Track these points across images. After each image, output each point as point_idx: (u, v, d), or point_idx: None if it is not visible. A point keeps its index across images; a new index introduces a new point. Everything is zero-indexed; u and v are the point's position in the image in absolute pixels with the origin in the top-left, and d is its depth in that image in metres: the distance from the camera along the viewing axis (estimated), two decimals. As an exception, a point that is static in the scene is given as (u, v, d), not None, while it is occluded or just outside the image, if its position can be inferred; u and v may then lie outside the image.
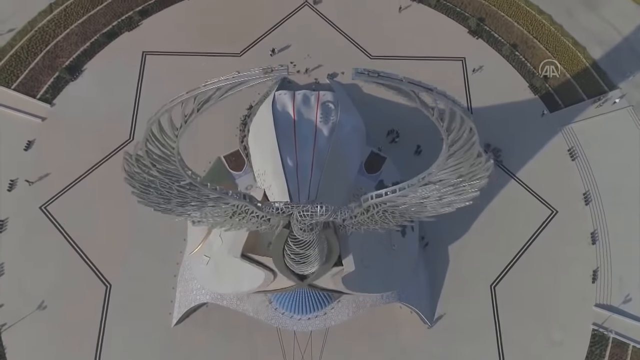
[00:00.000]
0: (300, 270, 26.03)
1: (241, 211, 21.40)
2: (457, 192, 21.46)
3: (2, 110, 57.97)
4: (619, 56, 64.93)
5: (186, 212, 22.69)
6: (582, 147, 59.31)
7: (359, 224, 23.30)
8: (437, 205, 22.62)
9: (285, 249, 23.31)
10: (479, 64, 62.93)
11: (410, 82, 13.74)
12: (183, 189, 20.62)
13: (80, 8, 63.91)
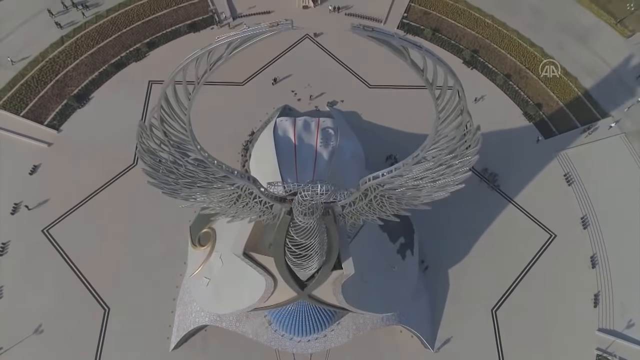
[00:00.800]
0: (301, 269, 26.20)
1: (245, 195, 22.03)
2: (449, 172, 22.21)
3: (9, 136, 59.48)
4: (609, 86, 67.04)
5: (193, 194, 23.31)
6: (578, 172, 60.37)
7: (357, 213, 23.87)
8: (431, 188, 23.29)
9: (286, 242, 23.74)
10: (480, 94, 64.82)
11: (401, 38, 14.85)
12: (192, 165, 21.32)
13: (91, 40, 66.61)
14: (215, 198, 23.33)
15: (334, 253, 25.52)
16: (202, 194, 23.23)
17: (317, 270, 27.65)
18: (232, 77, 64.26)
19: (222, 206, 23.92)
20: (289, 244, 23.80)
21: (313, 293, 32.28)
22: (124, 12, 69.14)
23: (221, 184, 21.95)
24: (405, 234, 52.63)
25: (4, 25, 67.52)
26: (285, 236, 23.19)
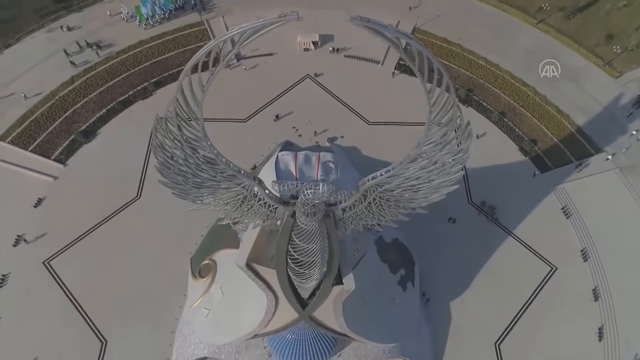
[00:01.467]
0: (302, 280, 26.29)
1: (250, 196, 22.64)
2: (443, 171, 23.02)
3: (16, 170, 60.72)
4: (601, 123, 69.03)
5: (201, 196, 23.93)
6: (575, 205, 61.13)
7: (358, 218, 24.39)
8: (427, 190, 23.94)
9: (288, 249, 24.11)
10: (477, 131, 66.44)
11: (394, 30, 16.15)
12: (202, 162, 22.12)
13: (100, 80, 69.34)
14: (221, 200, 24.04)
15: (334, 263, 25.85)
16: (209, 194, 23.96)
17: (318, 285, 27.87)
18: (236, 114, 66.46)
19: (227, 209, 24.58)
20: (291, 250, 24.25)
21: (314, 315, 32.23)
22: (132, 54, 72.38)
23: (228, 183, 22.75)
24: (406, 266, 52.74)
25: (22, 63, 70.46)
26: (288, 241, 23.67)
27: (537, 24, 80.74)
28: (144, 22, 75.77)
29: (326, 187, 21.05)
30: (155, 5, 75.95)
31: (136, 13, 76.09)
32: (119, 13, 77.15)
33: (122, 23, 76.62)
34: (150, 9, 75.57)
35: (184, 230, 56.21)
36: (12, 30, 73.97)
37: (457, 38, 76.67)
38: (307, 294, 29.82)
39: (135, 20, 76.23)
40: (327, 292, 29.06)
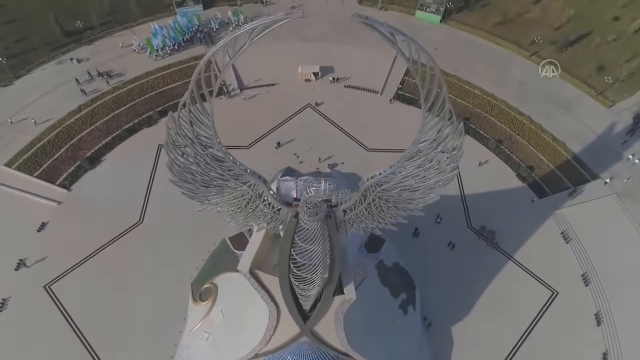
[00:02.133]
0: (304, 286, 26.43)
1: (255, 197, 23.27)
2: (439, 169, 23.79)
3: (21, 195, 61.48)
4: (596, 150, 70.43)
5: (208, 195, 24.53)
6: (574, 230, 61.57)
7: (358, 220, 24.91)
8: (424, 190, 24.53)
9: (291, 253, 24.48)
10: (474, 158, 67.91)
11: (389, 27, 17.40)
12: (210, 160, 22.92)
13: (106, 109, 71.26)
14: (228, 200, 24.71)
15: (335, 269, 26.19)
16: (216, 194, 24.64)
17: (319, 297, 28.07)
18: (238, 141, 67.83)
19: (233, 209, 25.21)
20: (293, 254, 24.70)
21: (315, 330, 32.23)
22: (139, 85, 74.70)
23: (235, 182, 23.51)
24: (407, 290, 52.75)
25: (31, 93, 72.58)
26: (291, 244, 24.17)
27: (531, 56, 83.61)
28: (154, 54, 78.75)
29: (327, 185, 21.88)
30: (166, 37, 79.16)
31: (147, 45, 79.15)
32: (130, 45, 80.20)
33: (132, 54, 79.58)
34: (161, 41, 78.75)
35: (185, 254, 56.52)
36: (24, 62, 76.56)
37: (453, 70, 79.19)
38: (308, 305, 29.97)
39: (146, 52, 79.21)
40: (329, 303, 29.24)
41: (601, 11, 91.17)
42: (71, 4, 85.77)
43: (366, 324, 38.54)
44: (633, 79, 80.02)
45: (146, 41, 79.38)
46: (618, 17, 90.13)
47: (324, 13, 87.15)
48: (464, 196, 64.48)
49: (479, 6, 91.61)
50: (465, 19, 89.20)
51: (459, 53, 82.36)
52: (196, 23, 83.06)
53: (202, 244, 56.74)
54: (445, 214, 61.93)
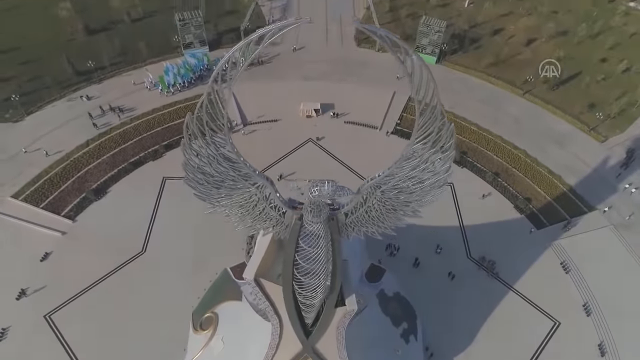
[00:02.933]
0: (307, 294, 26.84)
1: (262, 199, 24.24)
2: (433, 171, 25.10)
3: (26, 225, 62.37)
4: (592, 183, 71.91)
5: (219, 197, 25.45)
6: (574, 260, 62.02)
7: (359, 224, 25.72)
8: (420, 192, 25.45)
9: (295, 258, 25.12)
10: (471, 190, 69.47)
11: (385, 32, 19.62)
12: (223, 160, 24.18)
13: (113, 143, 73.40)
14: (237, 202, 25.75)
15: (338, 277, 26.77)
16: (226, 196, 25.69)
17: (321, 310, 28.49)
18: (241, 174, 69.44)
19: (242, 211, 26.18)
20: (297, 258, 25.40)
21: (317, 348, 32.34)
22: (145, 120, 77.22)
23: (244, 183, 24.65)
24: (408, 320, 52.61)
25: (41, 128, 74.88)
26: (295, 247, 24.94)
27: (524, 94, 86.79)
28: (166, 90, 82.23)
29: (330, 186, 23.08)
30: (177, 75, 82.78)
31: (159, 82, 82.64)
32: (142, 82, 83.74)
33: (142, 91, 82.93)
34: (172, 78, 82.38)
35: (186, 284, 56.68)
36: (35, 100, 79.45)
37: (449, 107, 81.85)
38: (311, 318, 30.27)
39: (157, 89, 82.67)
40: (331, 315, 29.59)
41: (589, 53, 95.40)
42: (83, 45, 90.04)
43: (368, 351, 38.51)
44: (624, 115, 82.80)
45: (158, 78, 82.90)
46: (606, 59, 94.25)
47: (325, 53, 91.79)
48: (463, 227, 65.32)
49: (472, 48, 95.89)
50: (459, 60, 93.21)
51: (454, 91, 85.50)
52: (205, 62, 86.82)
53: (203, 274, 56.95)
54: (445, 245, 62.62)
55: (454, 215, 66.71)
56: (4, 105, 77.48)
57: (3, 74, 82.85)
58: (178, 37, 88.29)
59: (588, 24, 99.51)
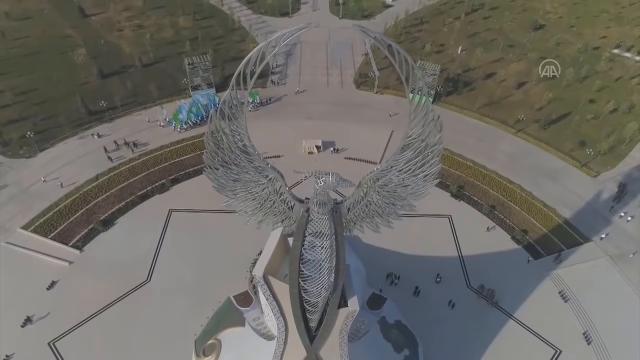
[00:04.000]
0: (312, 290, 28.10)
1: (273, 192, 26.12)
2: (424, 161, 27.71)
3: (34, 255, 63.83)
4: (586, 215, 73.89)
5: (235, 190, 27.34)
6: (572, 290, 62.86)
7: (360, 218, 27.41)
8: (414, 185, 27.30)
9: (302, 253, 26.66)
10: (469, 222, 71.34)
11: (380, 35, 22.30)
12: (240, 152, 26.88)
13: (122, 177, 76.13)
14: (250, 195, 27.72)
15: (341, 274, 28.19)
16: (241, 188, 27.69)
17: (324, 313, 29.76)
18: (245, 206, 71.56)
19: (254, 204, 28.05)
20: (304, 253, 26.99)
21: (321, 355, 33.13)
22: (153, 157, 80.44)
23: (258, 176, 26.78)
24: (410, 347, 53.10)
25: (53, 164, 78.16)
26: (302, 239, 26.61)
27: (517, 132, 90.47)
28: (179, 126, 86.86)
29: (334, 177, 25.33)
30: (190, 112, 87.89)
31: (173, 119, 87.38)
32: (156, 120, 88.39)
33: (156, 128, 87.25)
34: (186, 115, 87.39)
35: (190, 312, 57.48)
36: (49, 137, 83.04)
37: (445, 144, 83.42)
38: (315, 320, 31.31)
39: (171, 125, 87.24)
40: (334, 317, 30.72)
41: (578, 95, 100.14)
42: (97, 87, 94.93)
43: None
44: (614, 152, 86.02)
45: (172, 115, 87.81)
46: (594, 100, 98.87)
47: (326, 95, 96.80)
48: (461, 257, 66.60)
49: (466, 91, 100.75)
50: (454, 101, 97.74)
51: (450, 129, 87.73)
52: (216, 101, 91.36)
53: (207, 303, 57.71)
54: (445, 274, 63.73)
55: (452, 246, 68.16)
56: (20, 142, 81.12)
57: (20, 113, 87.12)
58: (187, 80, 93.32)
59: (575, 69, 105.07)
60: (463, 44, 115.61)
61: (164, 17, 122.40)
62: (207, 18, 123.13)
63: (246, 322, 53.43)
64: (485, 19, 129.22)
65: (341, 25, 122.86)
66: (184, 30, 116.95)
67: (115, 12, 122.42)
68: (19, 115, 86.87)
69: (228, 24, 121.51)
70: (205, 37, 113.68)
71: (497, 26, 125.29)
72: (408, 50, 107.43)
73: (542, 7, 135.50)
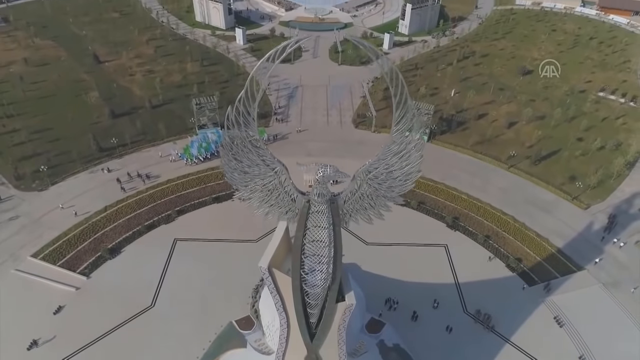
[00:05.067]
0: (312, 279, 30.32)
1: (279, 184, 29.03)
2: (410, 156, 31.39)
3: (42, 281, 65.82)
4: (578, 245, 76.22)
5: (246, 181, 30.14)
6: (567, 316, 64.22)
7: (355, 210, 30.11)
8: (401, 177, 30.06)
9: (303, 242, 29.15)
10: (464, 251, 73.68)
11: (370, 46, 25.56)
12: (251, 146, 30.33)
13: (130, 209, 79.22)
14: (258, 186, 30.59)
15: (338, 264, 30.51)
16: (251, 181, 30.61)
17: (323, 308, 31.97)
18: (249, 236, 74.10)
19: (262, 196, 30.83)
20: (305, 243, 29.48)
21: (320, 355, 34.84)
22: (160, 190, 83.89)
23: (266, 168, 29.84)
24: (407, 367, 54.18)
25: (63, 196, 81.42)
26: (304, 228, 29.25)
27: (509, 168, 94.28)
28: (191, 160, 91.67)
29: (332, 169, 28.62)
30: (201, 147, 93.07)
31: (184, 153, 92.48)
32: (168, 155, 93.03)
33: (164, 163, 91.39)
34: (197, 150, 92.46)
35: (192, 336, 58.80)
36: (61, 172, 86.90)
37: (441, 178, 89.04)
38: (315, 316, 33.26)
39: (183, 159, 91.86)
40: (333, 312, 32.73)
41: (566, 133, 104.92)
42: (108, 126, 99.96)
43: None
44: (603, 186, 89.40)
45: (184, 150, 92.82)
46: (582, 138, 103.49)
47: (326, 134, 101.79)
48: (458, 284, 68.36)
49: (459, 130, 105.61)
50: (448, 139, 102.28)
51: (445, 165, 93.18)
52: None
53: (209, 327, 59.21)
54: (442, 300, 65.34)
55: (449, 273, 70.12)
56: (32, 176, 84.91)
57: (35, 150, 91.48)
58: (194, 119, 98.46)
59: (563, 110, 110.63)
60: (456, 87, 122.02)
61: (173, 63, 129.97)
62: (213, 64, 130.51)
63: (248, 343, 55.00)
64: (476, 65, 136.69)
65: (339, 71, 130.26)
66: (192, 75, 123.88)
67: (128, 59, 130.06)
68: (33, 151, 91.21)
69: (233, 69, 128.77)
70: (211, 81, 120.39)
71: (488, 71, 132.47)
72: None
73: (530, 54, 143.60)
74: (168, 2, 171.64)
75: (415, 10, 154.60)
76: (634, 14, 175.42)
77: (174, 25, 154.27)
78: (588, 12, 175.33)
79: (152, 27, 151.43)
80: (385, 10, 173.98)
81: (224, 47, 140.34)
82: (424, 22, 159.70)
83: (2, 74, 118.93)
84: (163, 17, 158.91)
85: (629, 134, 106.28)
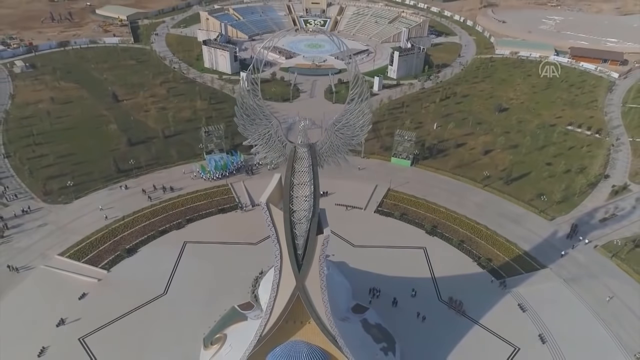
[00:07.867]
0: (300, 220, 40.19)
1: (274, 134, 39.57)
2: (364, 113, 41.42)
3: (69, 274, 75.06)
4: (542, 248, 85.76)
5: (252, 130, 40.67)
6: (530, 303, 72.87)
7: (328, 153, 40.53)
8: (358, 127, 40.63)
9: (292, 181, 39.45)
10: (443, 254, 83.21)
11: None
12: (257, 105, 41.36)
13: (145, 218, 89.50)
14: (259, 135, 41.17)
15: (317, 201, 40.41)
16: (255, 130, 41.20)
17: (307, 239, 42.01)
18: (249, 239, 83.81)
19: (262, 143, 41.30)
20: (293, 181, 39.67)
21: (306, 286, 44.28)
22: (171, 203, 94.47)
23: (266, 121, 40.54)
24: (387, 342, 62.84)
25: (86, 209, 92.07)
26: (292, 168, 39.36)
27: (484, 187, 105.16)
28: (209, 176, 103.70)
29: (309, 121, 39.55)
30: (218, 165, 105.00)
31: (202, 170, 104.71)
32: (190, 172, 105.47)
33: (187, 179, 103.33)
34: (215, 167, 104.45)
35: (199, 319, 67.26)
36: (83, 189, 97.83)
37: (422, 195, 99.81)
38: (301, 247, 42.90)
39: (202, 176, 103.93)
40: (314, 242, 42.36)
41: (536, 159, 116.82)
42: (125, 152, 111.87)
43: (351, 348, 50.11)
44: (567, 202, 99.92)
45: (201, 167, 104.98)
46: (550, 163, 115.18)
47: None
48: (434, 278, 77.34)
49: (440, 156, 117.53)
50: (429, 164, 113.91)
51: (426, 184, 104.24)
52: (240, 159, 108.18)
53: (214, 311, 67.98)
54: (419, 290, 74.18)
55: (426, 270, 79.32)
56: (59, 192, 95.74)
57: (61, 170, 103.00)
58: (202, 145, 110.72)
59: (534, 139, 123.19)
60: (438, 121, 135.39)
61: (184, 101, 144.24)
62: (220, 102, 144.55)
63: (248, 318, 63.95)
64: (458, 103, 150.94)
65: (333, 109, 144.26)
66: (200, 111, 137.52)
67: (143, 98, 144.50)
68: (59, 172, 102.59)
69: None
70: (218, 116, 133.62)
71: (468, 109, 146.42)
72: (390, 125, 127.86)
73: (507, 95, 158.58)
74: (180, 51, 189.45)
75: (402, 57, 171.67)
76: (603, 62, 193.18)
77: (184, 71, 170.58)
78: (561, 59, 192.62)
79: (165, 72, 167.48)
80: (376, 58, 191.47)
81: (230, 88, 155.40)
82: (411, 68, 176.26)
83: (31, 109, 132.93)
84: (175, 64, 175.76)
85: (592, 160, 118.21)
